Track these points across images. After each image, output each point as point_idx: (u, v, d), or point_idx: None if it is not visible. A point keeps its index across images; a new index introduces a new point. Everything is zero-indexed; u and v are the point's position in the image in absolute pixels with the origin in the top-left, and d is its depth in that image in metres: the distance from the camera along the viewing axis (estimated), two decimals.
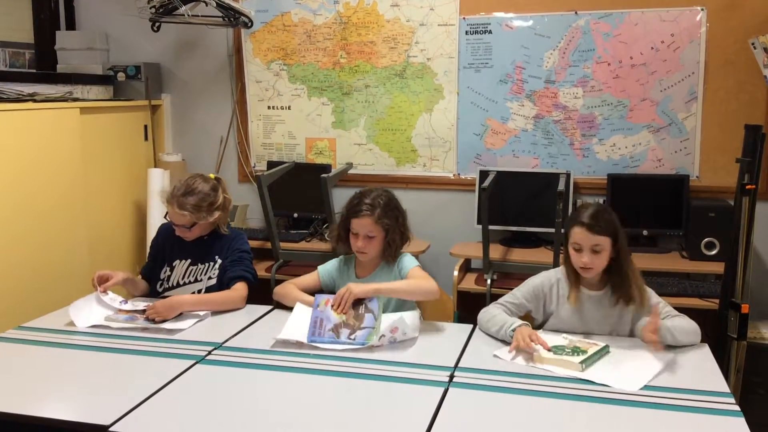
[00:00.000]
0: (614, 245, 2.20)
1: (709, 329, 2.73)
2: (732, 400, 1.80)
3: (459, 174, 3.83)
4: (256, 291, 2.65)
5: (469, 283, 3.35)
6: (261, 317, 2.46)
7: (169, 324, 2.34)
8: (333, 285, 2.55)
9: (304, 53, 3.93)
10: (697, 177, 3.51)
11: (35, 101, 3.29)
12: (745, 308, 2.65)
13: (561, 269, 2.35)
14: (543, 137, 3.67)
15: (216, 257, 2.65)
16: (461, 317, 3.25)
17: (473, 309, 3.33)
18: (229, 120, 4.13)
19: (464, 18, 3.69)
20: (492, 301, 2.40)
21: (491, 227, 3.33)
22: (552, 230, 3.28)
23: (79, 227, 3.51)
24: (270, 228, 3.51)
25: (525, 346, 2.05)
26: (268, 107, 4.06)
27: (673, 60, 3.45)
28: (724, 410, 1.74)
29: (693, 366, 2.02)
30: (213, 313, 2.46)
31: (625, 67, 3.51)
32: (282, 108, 4.04)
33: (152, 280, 2.72)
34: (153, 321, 2.36)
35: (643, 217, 3.50)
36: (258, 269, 2.75)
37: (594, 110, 3.58)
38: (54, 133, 3.34)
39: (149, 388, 1.86)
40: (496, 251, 3.43)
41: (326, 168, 3.85)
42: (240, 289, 2.56)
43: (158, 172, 3.90)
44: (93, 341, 2.22)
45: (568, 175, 3.51)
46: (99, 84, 4.00)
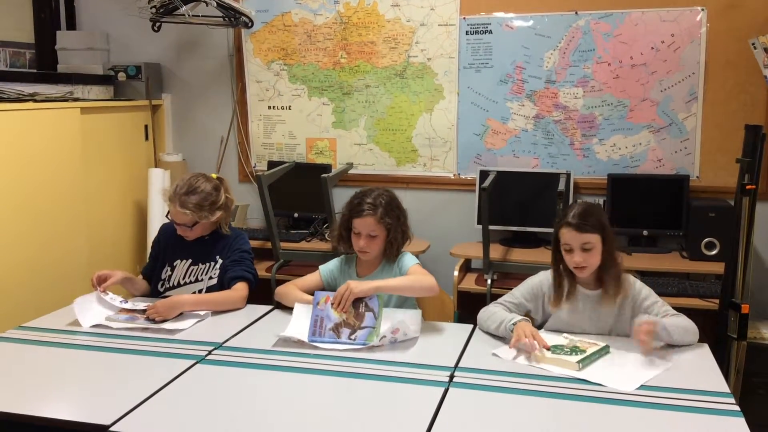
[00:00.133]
0: (604, 241, 2.20)
1: (709, 329, 2.72)
2: (732, 401, 1.80)
3: (459, 174, 3.83)
4: (257, 291, 2.65)
5: (470, 283, 3.35)
6: (261, 317, 2.46)
7: (170, 324, 2.35)
8: (335, 284, 2.54)
9: (305, 53, 3.93)
10: (698, 177, 3.51)
11: (36, 101, 3.29)
12: (745, 308, 2.64)
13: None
14: (543, 137, 3.67)
15: (217, 257, 2.65)
16: (461, 317, 3.25)
17: (473, 309, 3.33)
18: (230, 120, 4.13)
19: (464, 18, 3.69)
20: (492, 301, 2.40)
21: (491, 227, 3.33)
22: (552, 230, 3.25)
23: (80, 227, 3.51)
24: (270, 228, 3.51)
25: (525, 341, 2.05)
26: (269, 107, 4.06)
27: (674, 60, 3.45)
28: (724, 410, 1.74)
29: (693, 366, 2.02)
30: (213, 313, 2.46)
31: (626, 67, 3.51)
32: (282, 108, 4.04)
33: (153, 280, 2.72)
34: (153, 321, 2.36)
35: (643, 217, 3.50)
36: (258, 269, 2.75)
37: (594, 110, 3.58)
38: (54, 133, 3.34)
39: (149, 388, 1.86)
40: (497, 251, 3.43)
41: (326, 168, 3.85)
42: (240, 289, 2.56)
43: (159, 172, 3.90)
44: (93, 341, 2.22)
45: (569, 175, 3.51)
46: (99, 84, 4.00)
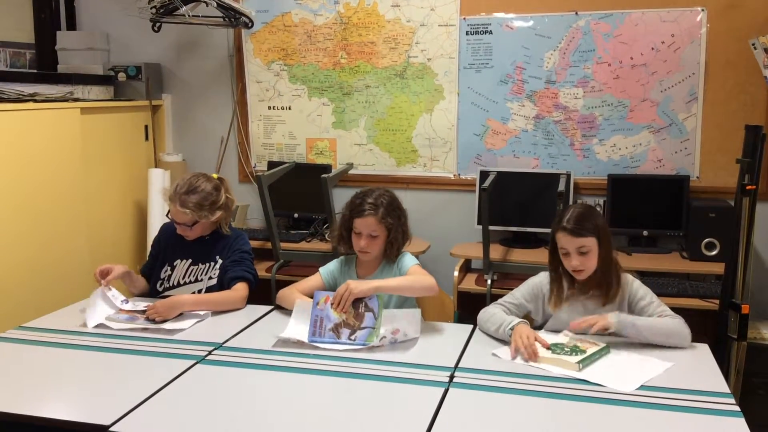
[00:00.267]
0: (600, 243, 2.20)
1: (709, 330, 2.73)
2: (732, 401, 1.79)
3: (459, 174, 3.83)
4: (257, 291, 2.65)
5: (470, 284, 3.35)
6: (261, 317, 2.46)
7: (170, 324, 2.35)
8: (335, 285, 2.53)
9: (305, 53, 3.93)
10: (698, 177, 3.51)
11: (36, 101, 3.29)
12: (746, 309, 2.64)
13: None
14: (543, 137, 3.67)
15: (217, 257, 2.65)
16: (461, 317, 3.24)
17: (473, 309, 3.33)
18: (230, 120, 4.13)
19: (464, 18, 3.69)
20: (492, 302, 2.40)
21: (491, 227, 3.33)
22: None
23: (80, 227, 3.51)
24: (270, 228, 3.51)
25: (525, 346, 2.05)
26: (269, 107, 4.06)
27: (674, 60, 3.45)
28: (724, 411, 1.74)
29: (693, 366, 2.02)
30: (213, 314, 2.46)
31: (626, 68, 3.51)
32: (282, 108, 4.04)
33: (152, 280, 2.72)
34: (153, 321, 2.36)
35: (644, 218, 3.50)
36: (258, 269, 2.75)
37: (594, 110, 3.58)
38: (54, 134, 3.34)
39: (149, 388, 1.86)
40: (497, 251, 3.43)
41: (327, 168, 3.85)
42: (240, 290, 2.56)
43: (159, 173, 3.90)
44: (93, 341, 2.22)
45: (569, 176, 3.51)
46: (99, 84, 4.00)
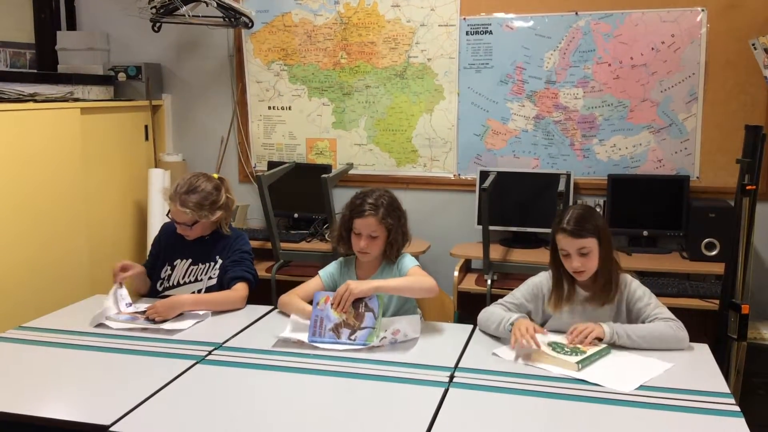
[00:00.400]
0: (600, 244, 2.20)
1: (709, 330, 2.73)
2: (732, 401, 1.79)
3: (459, 174, 3.83)
4: (257, 291, 2.65)
5: (470, 284, 3.35)
6: (261, 317, 2.46)
7: (169, 324, 2.34)
8: (335, 288, 2.52)
9: (305, 53, 3.93)
10: (698, 177, 3.51)
11: (36, 101, 3.29)
12: (746, 309, 2.64)
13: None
14: (543, 138, 3.67)
15: (217, 257, 2.65)
16: (461, 317, 3.24)
17: (473, 309, 3.33)
18: (230, 120, 4.13)
19: (465, 18, 3.69)
20: (492, 302, 2.40)
21: (491, 228, 3.33)
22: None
23: (80, 227, 3.51)
24: (270, 228, 3.51)
25: (525, 338, 2.03)
26: (269, 107, 4.06)
27: (674, 60, 3.45)
28: (724, 411, 1.74)
29: (693, 366, 2.02)
30: (213, 314, 2.46)
31: (626, 68, 3.51)
32: (282, 108, 4.04)
33: (152, 279, 2.72)
34: (153, 321, 2.36)
35: (644, 218, 3.50)
36: (258, 269, 2.75)
37: (594, 111, 3.58)
38: (54, 134, 3.34)
39: (149, 388, 1.86)
40: (497, 252, 3.43)
41: (327, 168, 3.85)
42: (240, 290, 2.56)
43: (159, 173, 3.90)
44: (93, 341, 2.22)
45: (569, 176, 3.51)
46: (100, 84, 4.00)
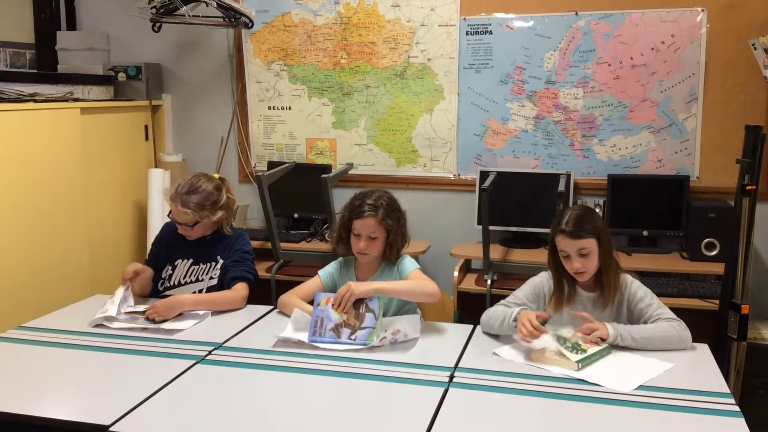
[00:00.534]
0: (600, 244, 2.20)
1: (709, 330, 2.73)
2: (732, 401, 1.79)
3: (459, 174, 3.83)
4: (257, 291, 2.65)
5: (470, 284, 3.35)
6: (261, 317, 2.46)
7: (169, 324, 2.34)
8: (335, 288, 2.53)
9: (305, 54, 3.93)
10: (698, 177, 3.51)
11: (36, 101, 3.29)
12: (745, 309, 2.64)
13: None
14: (543, 138, 3.67)
15: (218, 257, 2.65)
16: (461, 317, 3.25)
17: (473, 309, 3.33)
18: (230, 120, 4.13)
19: (465, 18, 3.69)
20: (492, 302, 2.40)
21: (491, 228, 3.33)
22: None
23: (80, 227, 3.51)
24: (270, 228, 3.51)
25: (528, 333, 2.04)
26: (269, 107, 4.06)
27: (674, 61, 3.45)
28: (724, 411, 1.74)
29: (693, 366, 2.02)
30: (213, 313, 2.46)
31: (626, 68, 3.51)
32: (282, 108, 4.04)
33: (153, 279, 2.71)
34: (153, 321, 2.36)
35: (644, 218, 3.50)
36: (258, 269, 2.75)
37: (594, 111, 3.58)
38: (54, 134, 3.34)
39: (149, 388, 1.86)
40: (497, 252, 3.43)
41: (327, 168, 3.85)
42: (240, 290, 2.56)
43: (159, 173, 3.90)
44: (93, 341, 2.22)
45: (569, 176, 3.51)
46: (100, 84, 4.00)
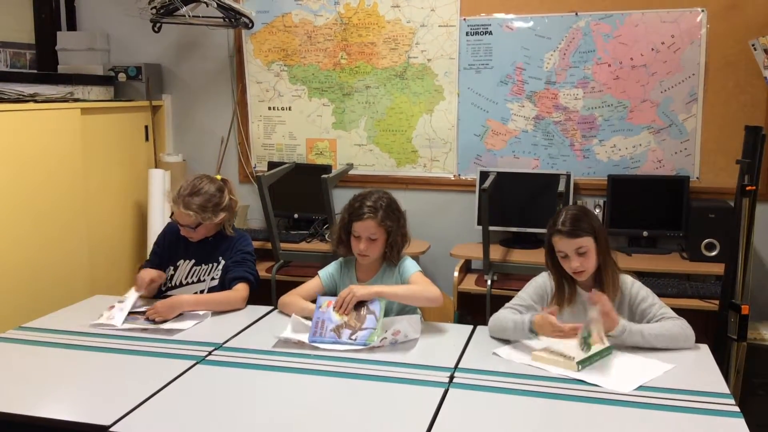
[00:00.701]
0: (597, 242, 2.20)
1: (709, 330, 2.73)
2: (732, 401, 1.80)
3: (459, 175, 3.83)
4: (257, 292, 2.65)
5: (470, 284, 3.35)
6: (261, 318, 2.46)
7: (169, 324, 2.35)
8: (335, 287, 2.54)
9: (305, 54, 3.94)
10: (698, 178, 3.51)
11: (36, 102, 3.29)
12: (745, 309, 2.65)
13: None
14: (543, 138, 3.67)
15: (220, 258, 2.65)
16: (461, 318, 3.25)
17: (473, 310, 3.34)
18: (230, 120, 4.13)
19: (465, 19, 3.69)
20: (492, 302, 2.41)
21: (491, 228, 3.33)
22: None
23: (80, 228, 3.51)
24: (270, 228, 3.52)
25: (568, 332, 2.02)
26: (269, 108, 4.06)
27: (674, 61, 3.45)
28: (724, 411, 1.74)
29: (693, 367, 2.03)
30: (213, 314, 2.46)
31: (626, 68, 3.51)
32: (282, 109, 4.04)
33: None
34: (153, 321, 2.36)
35: (644, 218, 3.50)
36: (258, 270, 2.75)
37: (594, 111, 3.59)
38: (55, 134, 3.34)
39: (150, 389, 1.86)
40: (497, 252, 3.43)
41: (327, 168, 3.85)
42: (241, 290, 2.56)
43: (159, 173, 3.90)
44: (93, 341, 2.23)
45: (569, 176, 3.51)
46: (100, 84, 4.00)
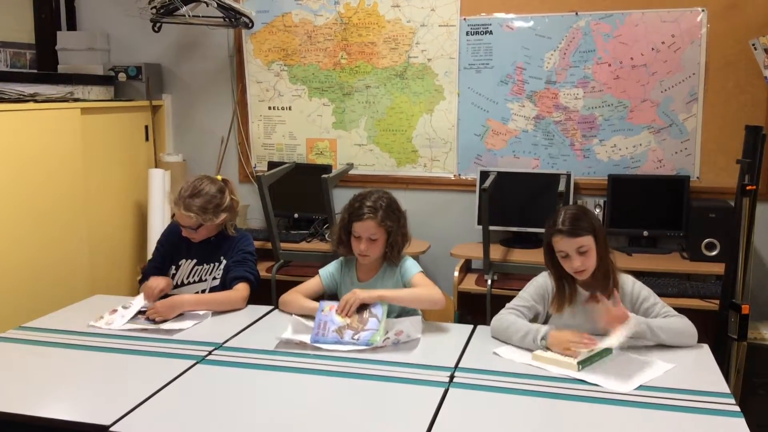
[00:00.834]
0: (597, 241, 2.20)
1: (710, 330, 2.73)
2: (732, 401, 1.80)
3: (459, 174, 3.83)
4: (257, 291, 2.65)
5: (470, 284, 3.34)
6: (261, 317, 2.46)
7: (169, 324, 2.35)
8: (335, 286, 2.54)
9: (305, 54, 3.93)
10: (698, 178, 3.51)
11: (36, 102, 3.29)
12: (746, 309, 2.64)
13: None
14: (543, 138, 3.67)
15: (221, 258, 2.65)
16: (462, 318, 3.25)
17: (474, 309, 3.34)
18: (230, 120, 4.13)
19: (465, 19, 3.69)
20: (492, 302, 2.40)
21: (492, 228, 3.33)
22: None
23: (80, 228, 3.51)
24: (270, 228, 3.51)
25: (587, 344, 2.02)
26: (269, 108, 4.06)
27: (674, 61, 3.45)
28: (725, 411, 1.74)
29: (693, 366, 2.03)
30: (214, 314, 2.46)
31: (626, 68, 3.51)
32: (283, 108, 4.04)
33: None
34: (153, 321, 2.36)
35: (644, 218, 3.50)
36: (258, 270, 2.75)
37: (594, 111, 3.58)
38: (55, 134, 3.34)
39: (150, 389, 1.86)
40: (497, 252, 3.43)
41: (327, 168, 3.85)
42: (241, 290, 2.56)
43: (159, 173, 3.90)
44: (93, 341, 2.23)
45: (569, 176, 3.51)
46: (100, 84, 4.00)
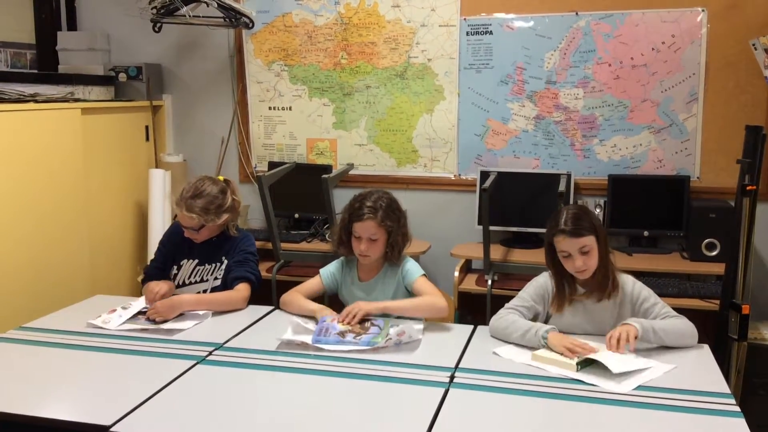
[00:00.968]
0: (598, 241, 2.20)
1: (710, 330, 2.73)
2: (732, 401, 1.80)
3: (460, 175, 3.83)
4: (257, 292, 2.65)
5: (470, 284, 3.35)
6: (262, 318, 2.46)
7: (170, 324, 2.35)
8: (336, 286, 2.54)
9: (305, 54, 3.94)
10: (698, 178, 3.51)
11: (36, 102, 3.29)
12: (746, 309, 2.64)
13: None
14: (544, 138, 3.67)
15: (223, 258, 2.65)
16: (462, 318, 3.25)
17: (474, 310, 3.34)
18: (230, 121, 4.13)
19: (465, 19, 3.69)
20: (492, 302, 2.40)
21: (492, 228, 3.33)
22: None
23: (81, 228, 3.51)
24: (271, 228, 3.52)
25: (585, 349, 2.03)
26: (269, 108, 4.06)
27: (674, 61, 3.45)
28: (725, 411, 1.74)
29: (693, 366, 2.03)
30: (214, 314, 2.46)
31: (626, 68, 3.51)
32: (283, 109, 4.04)
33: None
34: (153, 321, 2.36)
35: (644, 218, 3.50)
36: (259, 270, 2.75)
37: (595, 111, 3.58)
38: (55, 134, 3.34)
39: (150, 389, 1.86)
40: (497, 252, 3.43)
41: (327, 168, 3.85)
42: (242, 290, 2.56)
43: (159, 173, 3.90)
44: (93, 341, 2.23)
45: (569, 176, 3.51)
46: (100, 84, 4.00)
